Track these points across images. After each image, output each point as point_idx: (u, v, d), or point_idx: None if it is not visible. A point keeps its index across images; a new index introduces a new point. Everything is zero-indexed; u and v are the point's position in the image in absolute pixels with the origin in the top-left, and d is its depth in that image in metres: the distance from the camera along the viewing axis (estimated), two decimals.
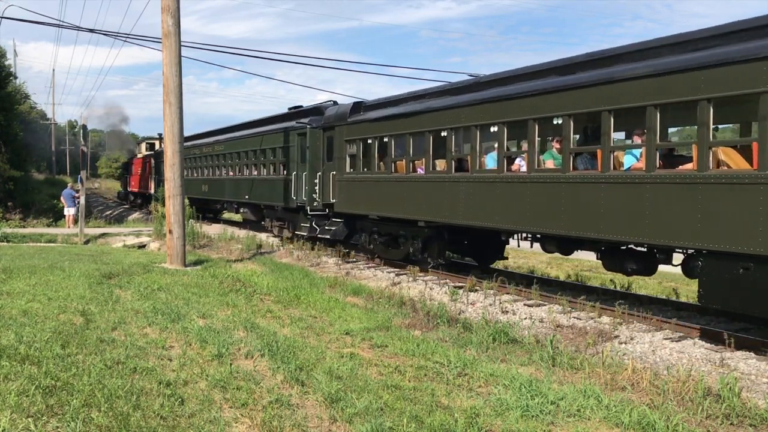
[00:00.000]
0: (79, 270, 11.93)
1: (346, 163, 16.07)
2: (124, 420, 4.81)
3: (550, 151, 11.00)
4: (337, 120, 16.51)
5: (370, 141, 15.21)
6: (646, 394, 6.28)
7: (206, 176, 27.55)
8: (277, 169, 19.96)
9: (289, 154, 18.99)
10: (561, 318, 9.73)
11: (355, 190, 15.75)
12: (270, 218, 21.14)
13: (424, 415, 5.34)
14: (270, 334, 7.76)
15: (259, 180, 21.49)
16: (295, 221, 18.98)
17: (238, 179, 23.53)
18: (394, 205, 14.21)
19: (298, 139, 18.38)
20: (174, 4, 13.89)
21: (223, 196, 25.54)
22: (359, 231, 16.31)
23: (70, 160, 77.34)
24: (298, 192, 18.13)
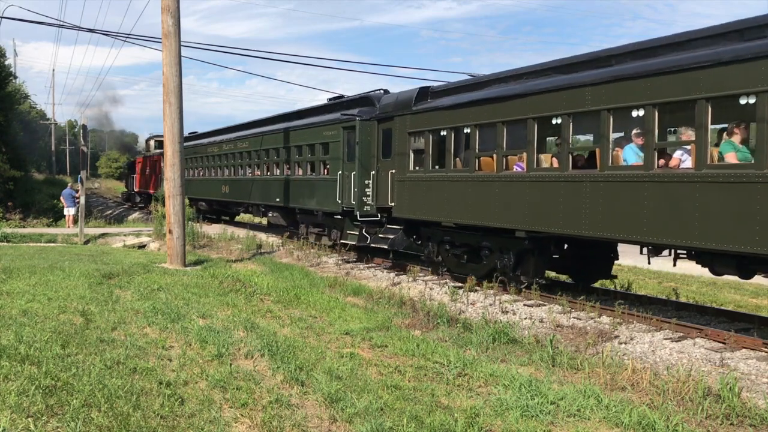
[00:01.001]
0: (79, 270, 11.93)
1: (409, 160, 13.65)
2: (124, 420, 4.81)
3: (729, 141, 8.22)
4: (398, 109, 13.97)
5: (445, 132, 12.58)
6: (646, 394, 6.28)
7: (227, 176, 24.73)
8: (317, 168, 17.41)
9: (331, 151, 16.52)
10: (561, 318, 9.73)
11: (421, 192, 13.25)
12: (305, 224, 18.69)
13: (424, 415, 5.34)
14: (270, 334, 7.76)
15: (293, 181, 18.82)
16: (339, 228, 16.70)
17: (266, 180, 20.83)
18: (477, 211, 11.64)
19: (344, 134, 15.78)
20: (174, 4, 13.89)
21: (247, 198, 22.69)
22: (424, 240, 13.82)
23: (70, 160, 77.37)
24: (344, 194, 15.66)
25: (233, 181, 24.00)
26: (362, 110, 15.49)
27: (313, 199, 17.47)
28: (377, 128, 14.87)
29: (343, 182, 15.71)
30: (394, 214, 14.16)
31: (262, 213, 21.94)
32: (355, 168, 15.30)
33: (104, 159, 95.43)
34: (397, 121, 14.03)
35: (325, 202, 16.67)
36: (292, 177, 18.97)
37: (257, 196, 21.62)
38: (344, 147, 15.79)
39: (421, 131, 13.31)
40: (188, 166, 28.40)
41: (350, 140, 15.60)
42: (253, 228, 24.82)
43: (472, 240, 12.34)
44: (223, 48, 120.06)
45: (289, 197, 18.93)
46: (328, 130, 16.70)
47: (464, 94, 12.46)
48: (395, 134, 14.07)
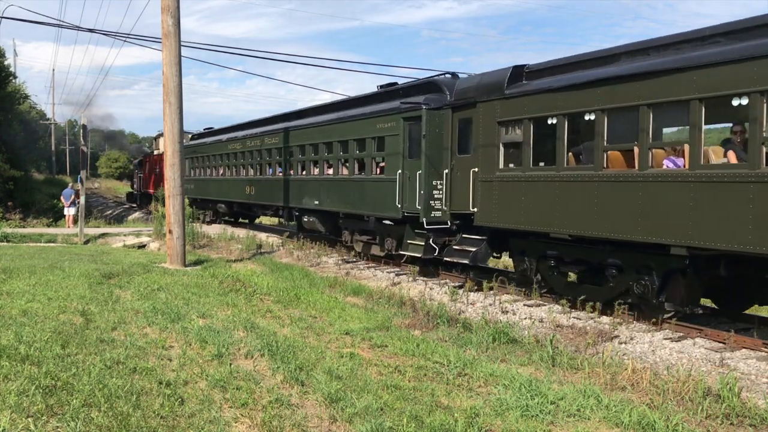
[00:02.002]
0: (79, 270, 11.93)
1: (498, 155, 11.20)
2: (124, 420, 4.81)
3: None
4: (484, 94, 11.53)
5: (554, 120, 10.14)
6: (645, 394, 6.28)
7: (252, 176, 22.24)
8: (368, 166, 15.12)
9: (388, 147, 14.21)
10: (561, 318, 9.73)
11: (516, 195, 10.79)
12: (350, 230, 16.51)
13: (424, 415, 5.34)
14: (270, 334, 7.76)
15: (336, 181, 16.45)
16: (395, 236, 14.46)
17: (301, 180, 18.37)
18: (607, 219, 9.26)
19: (405, 126, 13.50)
20: (174, 3, 13.90)
21: (276, 200, 20.15)
22: (516, 255, 11.57)
23: (70, 160, 77.38)
24: (405, 197, 13.41)
25: (260, 181, 21.50)
26: (430, 98, 13.12)
27: (362, 203, 15.15)
28: (451, 118, 12.46)
29: (404, 183, 13.44)
30: (478, 222, 11.64)
31: (295, 217, 19.47)
32: (420, 166, 12.95)
33: (104, 159, 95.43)
34: (481, 109, 11.54)
35: (380, 206, 14.37)
36: (335, 177, 16.56)
37: (290, 198, 19.14)
38: (405, 141, 13.54)
39: (517, 120, 10.85)
40: (204, 165, 27.23)
41: (413, 133, 13.30)
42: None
43: (593, 256, 9.92)
44: (224, 48, 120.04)
45: (331, 200, 16.63)
46: (384, 122, 14.33)
47: (579, 72, 9.99)
48: (478, 124, 11.63)
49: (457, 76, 13.49)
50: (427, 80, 13.93)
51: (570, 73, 10.23)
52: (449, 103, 12.61)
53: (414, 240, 13.50)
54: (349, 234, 16.62)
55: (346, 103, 17.37)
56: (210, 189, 26.59)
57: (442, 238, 13.02)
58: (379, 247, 15.31)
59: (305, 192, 18.05)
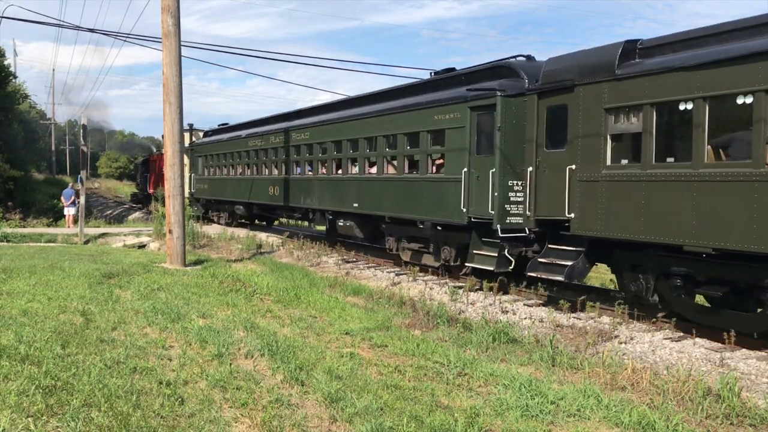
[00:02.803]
0: (79, 270, 11.93)
1: (605, 150, 9.37)
2: (124, 420, 4.82)
3: None
4: (586, 75, 9.61)
5: (688, 105, 8.31)
6: (646, 394, 6.28)
7: (275, 175, 20.31)
8: (422, 164, 13.36)
9: (449, 141, 12.36)
10: (561, 318, 9.73)
11: (633, 197, 8.95)
12: (395, 237, 14.56)
13: (424, 415, 5.34)
14: (270, 334, 7.76)
15: (381, 181, 14.61)
16: (455, 244, 12.59)
17: (338, 180, 16.49)
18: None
19: (472, 117, 11.71)
20: (174, 3, 13.90)
21: (306, 202, 18.23)
22: (626, 271, 9.74)
23: (70, 160, 77.40)
24: (472, 199, 11.66)
25: (286, 181, 19.48)
26: (505, 83, 11.30)
27: (414, 206, 13.34)
28: (536, 106, 10.48)
29: (470, 183, 11.68)
30: (576, 231, 9.65)
31: (328, 221, 17.60)
32: (493, 163, 11.16)
33: (104, 159, 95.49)
34: (580, 94, 9.70)
35: (437, 209, 12.59)
36: (379, 177, 14.72)
37: (322, 200, 17.26)
38: (472, 134, 11.75)
39: (634, 105, 9.01)
40: (219, 164, 25.39)
41: (483, 125, 11.54)
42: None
43: (743, 275, 8.13)
44: (224, 48, 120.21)
45: (374, 202, 14.83)
46: (444, 113, 12.47)
47: (723, 45, 8.17)
48: (576, 112, 9.75)
49: (533, 58, 11.79)
50: (496, 64, 12.01)
51: (706, 47, 8.40)
52: (534, 89, 10.60)
53: (482, 250, 11.71)
54: (394, 241, 14.62)
55: (390, 93, 15.30)
56: (226, 189, 24.60)
57: (518, 249, 11.23)
58: (432, 256, 13.35)
59: (341, 193, 16.18)
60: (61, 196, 28.04)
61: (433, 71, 13.99)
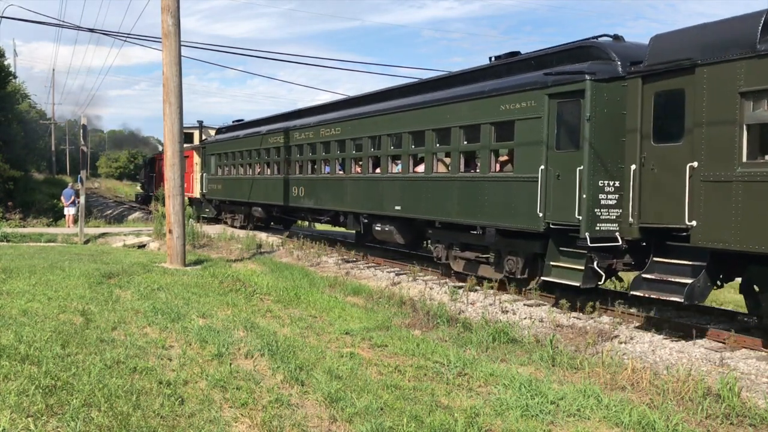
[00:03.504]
0: (79, 270, 11.93)
1: (740, 143, 7.72)
2: (124, 420, 4.82)
3: None
4: (712, 52, 8.06)
5: None
6: (645, 394, 6.28)
7: (300, 174, 18.73)
8: (483, 161, 11.60)
9: (519, 134, 10.68)
10: (561, 318, 9.73)
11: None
12: (445, 244, 12.94)
13: (424, 415, 5.34)
14: (270, 334, 7.76)
15: (432, 181, 12.90)
16: (524, 254, 11.01)
17: (376, 180, 14.85)
18: None
19: (552, 106, 10.09)
20: (174, 3, 13.90)
21: (336, 204, 16.66)
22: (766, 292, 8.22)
23: (70, 160, 77.40)
24: (550, 202, 10.06)
25: (313, 181, 17.86)
26: (591, 65, 9.72)
27: (473, 209, 11.65)
28: (641, 92, 8.89)
29: (548, 183, 10.09)
30: (698, 241, 8.11)
31: (363, 225, 16.05)
32: (581, 160, 9.55)
33: (104, 159, 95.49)
34: (704, 76, 8.13)
35: (504, 213, 10.96)
36: (428, 176, 13.10)
37: (356, 202, 15.73)
38: (551, 126, 10.13)
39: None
40: (235, 162, 23.75)
41: (566, 115, 9.97)
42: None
43: None
44: (224, 48, 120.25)
45: (421, 205, 13.20)
46: (512, 101, 10.83)
47: None
48: (698, 98, 8.18)
49: (621, 38, 10.27)
50: (578, 44, 10.41)
51: None
52: (637, 72, 8.95)
53: (562, 261, 10.09)
54: (443, 249, 13.01)
55: (439, 82, 13.66)
56: (243, 190, 22.77)
57: (608, 261, 9.70)
58: (492, 267, 11.74)
59: (380, 194, 14.60)
60: (61, 196, 28.03)
61: (492, 57, 12.29)
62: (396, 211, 13.98)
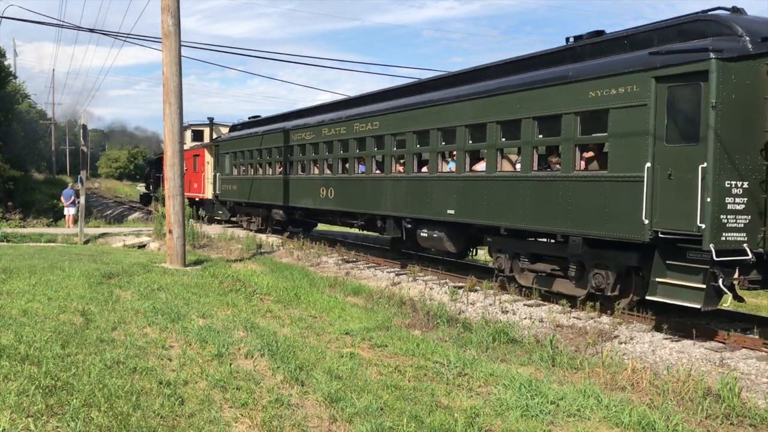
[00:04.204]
0: (79, 270, 11.93)
1: None
2: (124, 420, 4.82)
3: None
4: None
5: None
6: (645, 394, 6.28)
7: (328, 174, 17.05)
8: (566, 158, 9.78)
9: (615, 125, 8.99)
10: (561, 318, 9.73)
11: None
12: (508, 253, 11.46)
13: (424, 415, 5.34)
14: (270, 334, 7.76)
15: (499, 181, 11.15)
16: (617, 267, 9.45)
17: (422, 180, 13.16)
18: None
19: (661, 91, 8.40)
20: (174, 3, 13.90)
21: (372, 207, 14.96)
22: None
23: (70, 160, 77.40)
24: (660, 207, 8.39)
25: (344, 181, 16.17)
26: (716, 42, 8.05)
27: (552, 214, 9.96)
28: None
29: (655, 183, 8.41)
30: None
31: (405, 230, 14.20)
32: (704, 156, 7.88)
33: (104, 159, 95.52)
34: None
35: (595, 219, 9.24)
36: (491, 175, 11.30)
37: (397, 205, 14.00)
38: (660, 115, 8.44)
39: None
40: (252, 162, 22.03)
41: (681, 101, 8.32)
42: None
43: None
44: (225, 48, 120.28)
45: (482, 208, 11.42)
46: (605, 87, 9.14)
47: None
48: None
49: (742, 11, 8.68)
50: (691, 19, 8.81)
51: None
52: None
53: (673, 277, 8.42)
54: (506, 259, 11.45)
55: (499, 68, 11.79)
56: (261, 191, 21.11)
57: (733, 277, 8.21)
58: (572, 282, 10.17)
59: (428, 196, 12.91)
60: (61, 196, 28.03)
61: (570, 37, 10.56)
62: (449, 216, 12.24)
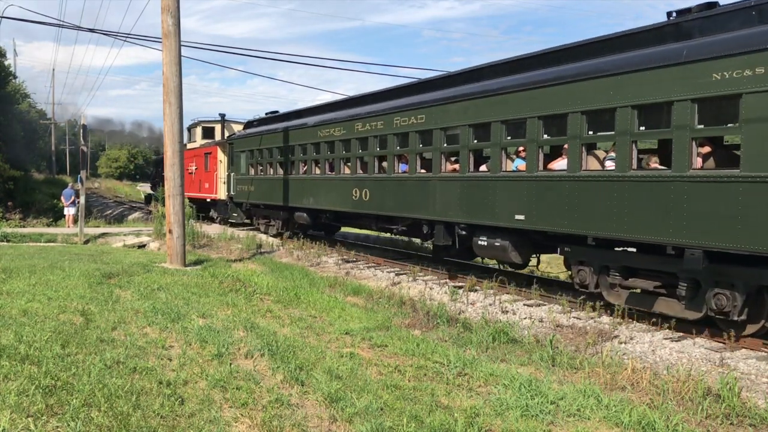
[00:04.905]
0: (79, 270, 11.93)
1: None
2: (124, 420, 4.81)
3: None
4: None
5: None
6: (645, 394, 6.28)
7: (364, 174, 15.24)
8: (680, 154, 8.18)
9: (748, 111, 7.46)
10: (561, 318, 9.73)
11: None
12: (595, 266, 9.81)
13: (424, 415, 5.34)
14: (270, 334, 7.76)
15: (586, 181, 9.46)
16: (747, 287, 7.91)
17: (481, 180, 11.50)
18: None
19: None
20: (174, 3, 13.90)
21: (417, 210, 13.28)
22: None
23: (70, 160, 77.41)
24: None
25: (381, 182, 14.52)
26: None
27: (662, 221, 8.35)
28: None
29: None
30: None
31: (459, 238, 12.37)
32: None
33: (104, 159, 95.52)
34: None
35: (725, 229, 7.67)
36: (574, 174, 9.58)
37: (448, 208, 12.32)
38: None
39: None
40: (272, 160, 20.47)
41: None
42: None
43: None
44: (225, 48, 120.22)
45: (560, 213, 9.79)
46: (735, 67, 7.58)
47: None
48: None
49: None
50: None
51: None
52: None
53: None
54: (591, 273, 9.85)
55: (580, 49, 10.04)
56: (283, 192, 19.48)
57: None
58: (681, 303, 8.70)
59: (491, 199, 11.21)
60: (61, 196, 28.04)
61: (672, 12, 9.00)
62: (516, 222, 10.59)
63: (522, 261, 11.34)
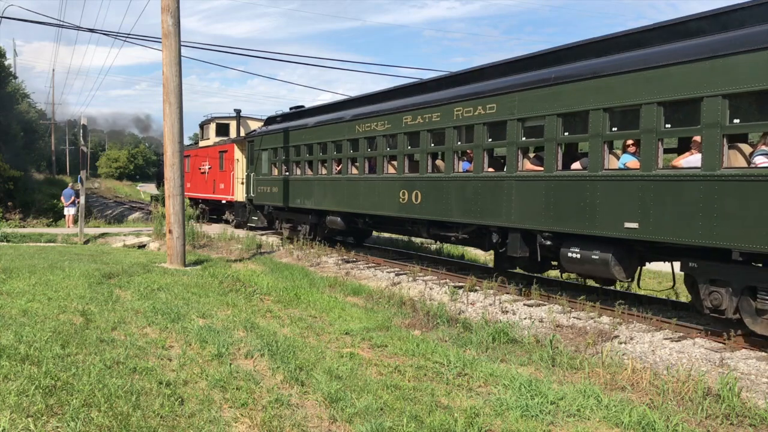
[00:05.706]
0: (79, 270, 11.93)
1: None
2: (124, 420, 4.81)
3: None
4: None
5: None
6: (645, 394, 6.28)
7: (416, 173, 13.22)
8: None
9: None
10: (561, 318, 9.73)
11: None
12: (736, 287, 7.87)
13: (423, 415, 5.34)
14: (270, 334, 7.76)
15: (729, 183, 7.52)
16: None
17: (572, 180, 9.65)
18: None
19: None
20: (174, 3, 13.90)
21: (488, 217, 11.23)
22: None
23: (70, 160, 77.43)
24: None
25: (436, 182, 12.56)
26: None
27: None
28: None
29: None
30: None
31: (540, 248, 10.61)
32: None
33: (104, 159, 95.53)
34: None
35: None
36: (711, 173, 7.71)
37: (531, 215, 10.35)
38: None
39: None
40: (298, 159, 18.14)
41: None
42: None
43: None
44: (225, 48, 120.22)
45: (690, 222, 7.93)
46: None
47: None
48: None
49: None
50: None
51: None
52: None
53: None
54: (729, 296, 7.92)
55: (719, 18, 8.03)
56: (312, 194, 17.25)
57: None
58: None
59: (588, 202, 9.34)
60: (61, 196, 28.04)
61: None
62: (627, 231, 8.74)
63: (626, 277, 9.50)
